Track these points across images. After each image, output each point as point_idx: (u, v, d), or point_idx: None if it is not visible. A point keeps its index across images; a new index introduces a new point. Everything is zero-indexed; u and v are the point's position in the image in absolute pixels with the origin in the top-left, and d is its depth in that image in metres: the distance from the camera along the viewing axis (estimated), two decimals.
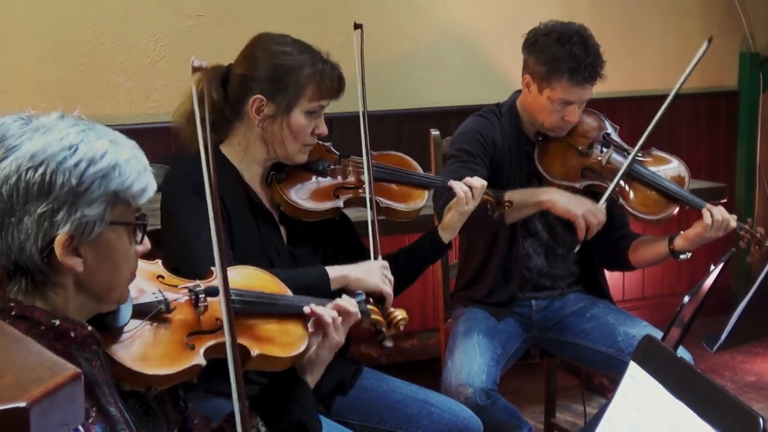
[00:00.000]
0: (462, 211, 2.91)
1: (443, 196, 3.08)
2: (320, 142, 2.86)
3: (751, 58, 5.71)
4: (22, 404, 0.96)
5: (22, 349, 1.08)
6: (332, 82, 2.76)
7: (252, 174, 2.81)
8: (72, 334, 1.76)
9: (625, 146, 3.46)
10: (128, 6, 4.26)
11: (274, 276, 2.37)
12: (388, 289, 2.68)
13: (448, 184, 2.93)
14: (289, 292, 2.34)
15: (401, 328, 2.54)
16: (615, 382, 1.85)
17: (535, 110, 3.42)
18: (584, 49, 3.30)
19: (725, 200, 4.12)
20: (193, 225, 2.58)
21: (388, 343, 2.54)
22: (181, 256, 2.57)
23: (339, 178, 2.89)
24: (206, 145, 1.84)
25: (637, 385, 1.72)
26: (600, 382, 4.62)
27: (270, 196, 2.83)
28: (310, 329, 2.26)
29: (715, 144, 5.72)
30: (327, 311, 2.26)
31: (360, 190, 2.86)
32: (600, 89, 3.43)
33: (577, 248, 3.40)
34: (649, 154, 3.52)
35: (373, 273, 2.69)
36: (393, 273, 2.75)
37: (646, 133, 3.41)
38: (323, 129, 2.78)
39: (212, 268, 2.17)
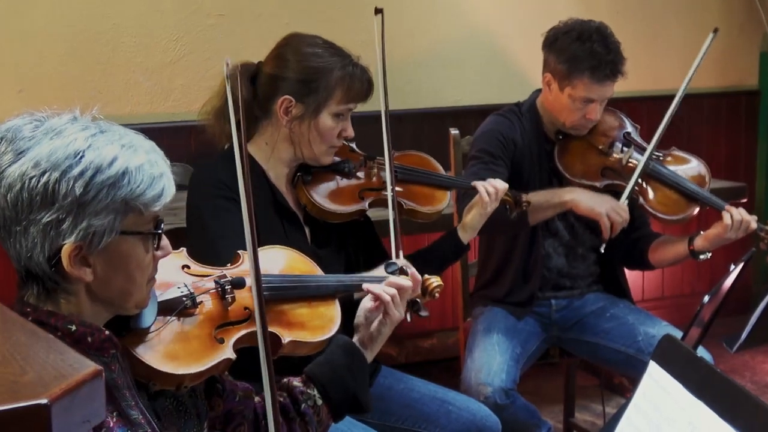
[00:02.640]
0: (483, 212, 2.92)
1: (467, 198, 3.07)
2: (345, 142, 2.87)
3: None
4: (44, 401, 0.96)
5: (43, 347, 1.09)
6: (362, 86, 2.76)
7: (278, 174, 2.81)
8: (89, 339, 1.73)
9: (646, 145, 3.44)
10: (148, 5, 4.26)
11: (302, 254, 2.34)
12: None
13: (472, 184, 2.94)
14: (320, 271, 2.32)
15: (437, 295, 2.50)
16: (634, 381, 1.84)
17: (556, 109, 3.41)
18: (605, 47, 3.29)
19: (745, 200, 4.11)
20: (218, 227, 2.59)
21: (424, 313, 2.50)
22: (207, 258, 2.58)
23: (364, 179, 2.90)
24: (240, 145, 1.83)
25: (657, 385, 1.72)
26: (619, 382, 4.61)
27: (295, 197, 2.83)
28: (370, 303, 2.26)
29: (735, 143, 5.70)
30: (385, 288, 2.27)
31: (384, 191, 2.87)
32: (620, 88, 3.42)
33: (603, 248, 3.39)
34: (669, 154, 3.51)
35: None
36: None
37: (661, 127, 3.39)
38: (350, 131, 2.79)
39: (239, 252, 2.17)
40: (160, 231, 1.80)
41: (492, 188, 2.92)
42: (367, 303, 2.27)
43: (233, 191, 2.64)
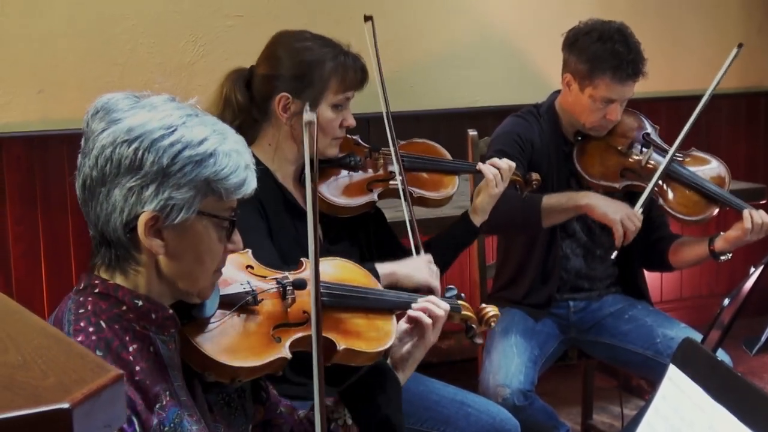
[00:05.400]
0: (492, 193, 2.91)
1: None
2: (348, 135, 2.87)
3: None
4: (65, 405, 0.96)
5: (64, 350, 1.09)
6: (355, 73, 2.77)
7: (285, 174, 2.82)
8: (153, 316, 1.76)
9: (665, 146, 3.43)
10: (167, 6, 4.27)
11: (363, 268, 2.36)
12: (435, 283, 2.75)
13: (477, 167, 2.94)
14: (379, 285, 2.34)
15: (492, 324, 2.52)
16: (653, 384, 1.84)
17: (576, 110, 3.41)
18: (626, 47, 3.29)
19: (764, 201, 4.09)
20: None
21: (479, 340, 2.55)
22: None
23: (371, 171, 2.91)
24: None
25: (676, 389, 1.71)
26: (638, 384, 4.60)
27: (303, 195, 2.83)
28: (406, 325, 2.28)
29: (755, 144, 5.68)
30: (429, 310, 2.28)
31: (392, 182, 2.87)
32: (639, 89, 3.41)
33: (614, 254, 3.38)
34: (689, 155, 3.50)
35: (421, 269, 2.75)
36: None
37: (682, 134, 3.38)
38: (351, 121, 2.79)
39: (302, 259, 2.20)
40: (234, 219, 1.82)
41: (495, 168, 2.91)
42: (402, 325, 2.28)
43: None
